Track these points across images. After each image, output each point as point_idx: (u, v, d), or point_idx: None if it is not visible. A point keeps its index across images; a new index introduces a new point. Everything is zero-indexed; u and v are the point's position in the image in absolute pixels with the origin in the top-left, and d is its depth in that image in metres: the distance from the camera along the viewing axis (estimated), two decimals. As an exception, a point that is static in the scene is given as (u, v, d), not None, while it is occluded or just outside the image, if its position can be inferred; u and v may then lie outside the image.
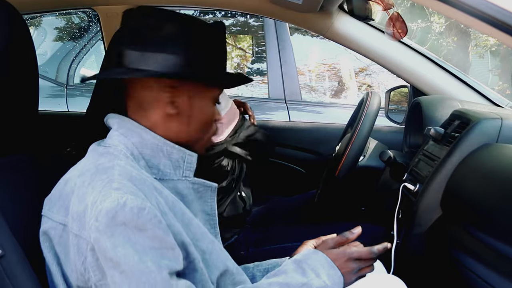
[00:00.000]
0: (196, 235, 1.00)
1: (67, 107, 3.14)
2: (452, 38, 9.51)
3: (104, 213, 0.84)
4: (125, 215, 0.85)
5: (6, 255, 0.95)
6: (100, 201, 0.86)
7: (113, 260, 0.84)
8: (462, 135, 1.44)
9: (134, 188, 0.89)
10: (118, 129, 1.03)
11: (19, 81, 1.08)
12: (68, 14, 3.68)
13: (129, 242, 0.85)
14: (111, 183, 0.88)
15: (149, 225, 0.86)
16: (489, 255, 1.19)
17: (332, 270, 1.06)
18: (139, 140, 1.01)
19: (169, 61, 0.99)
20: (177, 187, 1.05)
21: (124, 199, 0.85)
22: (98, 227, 0.85)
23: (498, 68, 9.87)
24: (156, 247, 0.87)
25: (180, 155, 1.05)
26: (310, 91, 3.93)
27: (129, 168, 0.94)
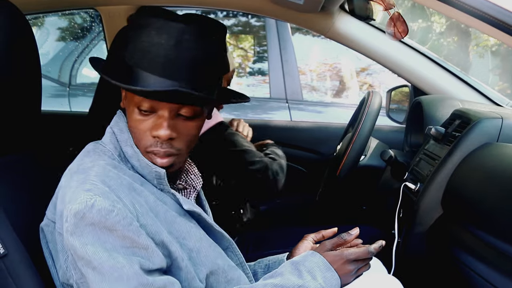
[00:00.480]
0: (182, 233, 0.99)
1: (69, 107, 3.15)
2: (453, 38, 9.49)
3: (73, 214, 0.86)
4: (93, 216, 0.86)
5: (9, 254, 0.95)
6: (72, 202, 0.87)
7: (84, 258, 0.86)
8: (462, 135, 1.45)
9: (105, 189, 0.89)
10: (113, 126, 1.03)
11: (22, 81, 1.09)
12: (71, 14, 3.68)
13: (99, 241, 0.86)
14: (84, 184, 0.89)
15: (118, 226, 0.87)
16: (490, 254, 1.20)
17: (329, 273, 1.05)
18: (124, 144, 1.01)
19: None
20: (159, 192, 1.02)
21: (92, 201, 0.86)
22: (68, 227, 0.87)
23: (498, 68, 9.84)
24: (127, 246, 0.87)
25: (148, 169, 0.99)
26: (311, 90, 3.93)
27: (108, 167, 0.94)
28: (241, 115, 2.81)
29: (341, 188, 1.80)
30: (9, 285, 0.95)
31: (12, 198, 1.05)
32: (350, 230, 1.15)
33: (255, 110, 2.99)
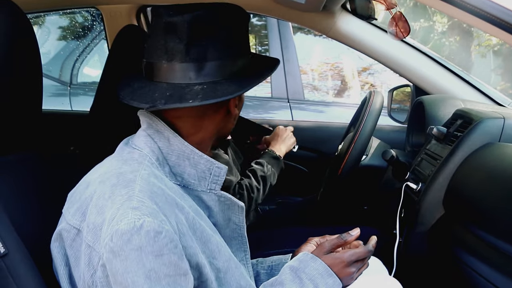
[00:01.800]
0: (213, 253, 0.95)
1: (70, 106, 3.15)
2: (455, 38, 9.48)
3: (119, 235, 0.80)
4: (140, 238, 0.80)
5: (9, 254, 0.95)
6: (117, 220, 0.81)
7: (122, 284, 0.81)
8: (464, 134, 1.44)
9: (153, 207, 0.84)
10: (147, 129, 0.97)
11: (23, 80, 1.09)
12: (72, 13, 3.69)
13: (143, 268, 0.81)
14: (130, 201, 0.83)
15: (165, 250, 0.82)
16: (492, 254, 1.19)
17: (331, 279, 1.04)
18: (166, 145, 0.96)
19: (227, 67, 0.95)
20: (201, 197, 1.00)
21: (141, 222, 0.81)
22: (113, 248, 0.81)
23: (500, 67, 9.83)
24: (170, 274, 0.83)
25: (207, 166, 0.99)
26: (313, 90, 3.93)
27: (152, 180, 0.89)
28: (242, 114, 2.80)
29: (342, 188, 1.80)
30: (9, 284, 0.94)
31: (13, 198, 1.04)
32: (350, 231, 1.13)
33: (256, 110, 2.99)
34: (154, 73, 0.95)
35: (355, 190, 2.08)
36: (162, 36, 0.93)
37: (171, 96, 0.90)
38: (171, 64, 0.92)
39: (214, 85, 0.92)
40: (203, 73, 0.92)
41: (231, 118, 1.03)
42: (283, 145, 1.78)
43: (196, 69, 0.92)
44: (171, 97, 0.90)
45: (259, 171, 1.63)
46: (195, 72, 0.92)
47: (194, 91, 0.91)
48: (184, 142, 0.96)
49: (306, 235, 1.74)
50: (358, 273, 1.10)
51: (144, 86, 0.95)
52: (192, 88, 0.91)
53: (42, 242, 1.00)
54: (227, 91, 0.91)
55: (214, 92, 0.91)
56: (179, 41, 0.91)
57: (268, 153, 1.73)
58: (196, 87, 0.92)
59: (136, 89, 0.96)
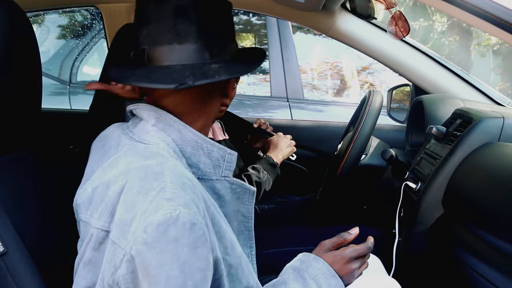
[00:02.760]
0: (227, 249, 0.94)
1: (70, 105, 3.15)
2: (454, 37, 9.48)
3: (155, 226, 0.77)
4: (177, 230, 0.78)
5: (8, 253, 0.95)
6: (151, 212, 0.78)
7: (155, 277, 0.78)
8: (464, 134, 1.44)
9: (187, 198, 0.82)
10: (156, 124, 0.95)
11: (22, 79, 1.08)
12: (71, 12, 3.68)
13: (178, 261, 0.78)
14: (164, 192, 0.81)
15: (199, 242, 0.80)
16: (491, 254, 1.19)
17: (333, 280, 1.04)
18: (179, 137, 0.95)
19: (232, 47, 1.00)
20: (214, 187, 0.99)
21: (177, 212, 0.78)
22: (147, 239, 0.78)
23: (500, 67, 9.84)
24: (203, 268, 0.81)
25: (220, 153, 0.99)
26: (312, 89, 3.93)
27: (180, 170, 0.87)
28: (242, 113, 2.80)
29: (341, 187, 1.80)
30: (8, 283, 0.94)
31: (12, 196, 1.04)
32: (350, 230, 1.13)
33: (255, 109, 2.98)
34: (164, 57, 0.94)
35: (354, 190, 2.08)
36: (171, 19, 0.93)
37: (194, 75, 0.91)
38: (184, 46, 0.93)
39: (227, 63, 0.95)
40: (215, 53, 0.95)
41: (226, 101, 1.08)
42: (281, 153, 1.78)
43: (209, 49, 0.94)
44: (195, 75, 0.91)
45: (254, 176, 1.63)
46: (208, 52, 0.94)
47: (214, 69, 0.92)
48: (196, 132, 0.96)
49: (306, 235, 1.74)
50: (358, 271, 1.10)
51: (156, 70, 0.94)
52: (210, 66, 0.93)
53: (41, 241, 1.01)
54: (241, 69, 0.95)
55: (230, 69, 0.93)
56: (189, 23, 0.93)
57: (265, 159, 1.72)
58: (213, 65, 0.93)
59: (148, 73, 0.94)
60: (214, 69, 0.91)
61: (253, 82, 3.68)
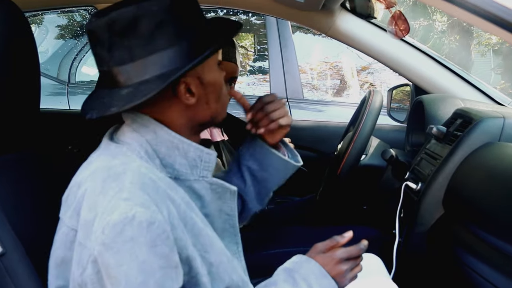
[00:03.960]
0: (205, 246, 0.93)
1: (68, 105, 3.15)
2: (455, 37, 9.49)
3: (111, 226, 0.79)
4: (133, 230, 0.79)
5: (7, 253, 0.95)
6: (108, 212, 0.80)
7: (116, 277, 0.79)
8: (464, 134, 1.44)
9: (145, 198, 0.82)
10: (131, 124, 0.96)
11: (21, 79, 1.08)
12: (70, 12, 3.68)
13: (136, 260, 0.79)
14: (121, 192, 0.82)
15: (158, 241, 0.80)
16: (492, 254, 1.19)
17: (325, 280, 1.04)
18: (153, 137, 0.95)
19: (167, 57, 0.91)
20: (193, 187, 0.99)
21: (133, 212, 0.79)
22: (104, 240, 0.79)
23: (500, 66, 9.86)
24: (163, 266, 0.81)
25: (197, 153, 0.98)
26: (312, 89, 3.93)
27: (143, 171, 0.87)
28: (241, 113, 2.80)
29: (341, 188, 1.79)
30: (7, 284, 0.94)
31: (10, 197, 1.04)
32: (344, 233, 1.13)
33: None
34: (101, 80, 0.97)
35: (354, 190, 2.08)
36: (92, 47, 0.95)
37: (103, 105, 0.92)
38: (104, 71, 0.94)
39: (138, 86, 0.91)
40: (131, 75, 0.91)
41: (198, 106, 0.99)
42: None
43: (122, 73, 0.91)
44: (103, 106, 0.92)
45: None
46: (123, 75, 0.91)
47: (119, 97, 0.91)
48: (171, 133, 0.96)
49: (306, 235, 1.74)
50: (351, 273, 1.09)
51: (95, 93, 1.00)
52: (120, 93, 0.91)
53: (40, 241, 1.00)
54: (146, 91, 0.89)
55: (134, 95, 0.89)
56: (102, 48, 0.91)
57: None
58: (122, 91, 0.91)
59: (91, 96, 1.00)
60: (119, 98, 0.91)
61: (253, 82, 3.69)
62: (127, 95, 0.90)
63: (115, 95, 0.91)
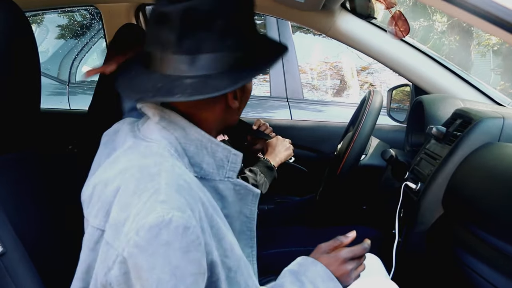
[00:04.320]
0: (226, 251, 0.92)
1: (69, 105, 3.15)
2: (454, 37, 9.49)
3: (147, 229, 0.77)
4: (169, 233, 0.77)
5: (7, 253, 0.95)
6: (144, 214, 0.78)
7: (147, 280, 0.78)
8: (464, 134, 1.44)
9: (181, 201, 0.81)
10: (160, 121, 0.94)
11: (21, 79, 1.08)
12: (70, 11, 3.69)
13: (169, 265, 0.78)
14: (158, 194, 0.80)
15: (192, 246, 0.79)
16: (491, 254, 1.19)
17: (332, 283, 1.04)
18: (183, 135, 0.93)
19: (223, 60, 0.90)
20: (217, 187, 0.98)
21: (170, 216, 0.77)
22: (139, 242, 0.77)
23: (500, 67, 9.85)
24: (194, 273, 0.80)
25: (224, 154, 0.97)
26: (312, 89, 3.93)
27: (177, 171, 0.86)
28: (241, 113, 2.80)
29: (341, 188, 1.79)
30: (7, 284, 0.94)
31: (11, 197, 1.04)
32: (347, 233, 1.13)
33: (255, 109, 2.98)
34: (151, 62, 0.92)
35: (354, 190, 2.08)
36: (155, 26, 0.91)
37: (160, 89, 0.88)
38: (164, 55, 0.90)
39: (205, 79, 0.89)
40: (196, 66, 0.89)
41: (233, 111, 1.00)
42: (279, 156, 1.78)
43: (188, 62, 0.89)
44: (160, 90, 0.88)
45: (251, 179, 1.63)
46: (187, 64, 0.89)
47: (184, 85, 0.88)
48: (201, 131, 0.94)
49: (306, 235, 1.74)
50: (355, 272, 1.10)
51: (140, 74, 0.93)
52: (183, 81, 0.88)
53: (40, 241, 1.00)
54: (218, 87, 0.87)
55: (204, 87, 0.87)
56: (171, 32, 0.88)
57: (263, 162, 1.72)
58: (187, 80, 0.88)
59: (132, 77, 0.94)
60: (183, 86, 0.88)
61: (253, 81, 3.69)
62: (193, 85, 0.88)
63: (177, 83, 0.89)
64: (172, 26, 0.88)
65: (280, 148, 1.80)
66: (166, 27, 0.88)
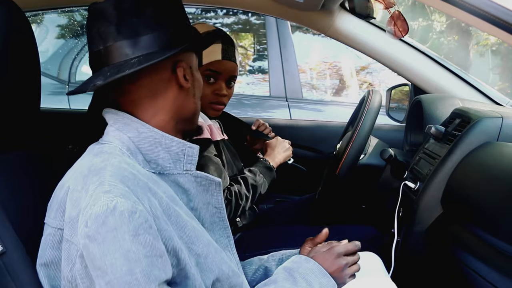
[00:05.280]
0: (191, 238, 0.95)
1: (68, 105, 3.14)
2: (453, 37, 9.49)
3: (93, 218, 0.81)
4: (115, 220, 0.81)
5: (7, 252, 0.95)
6: (90, 205, 0.82)
7: (101, 268, 0.81)
8: (462, 134, 1.45)
9: (125, 189, 0.85)
10: (114, 124, 0.99)
11: (21, 78, 1.08)
12: (70, 11, 3.68)
13: (120, 249, 0.80)
14: (102, 185, 0.84)
15: (140, 230, 0.82)
16: (490, 253, 1.19)
17: (325, 279, 1.06)
18: (135, 134, 0.98)
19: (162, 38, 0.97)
20: (178, 181, 1.01)
21: (114, 203, 0.81)
22: (88, 232, 0.81)
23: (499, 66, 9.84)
24: (148, 255, 0.82)
25: (179, 148, 1.01)
26: (311, 89, 3.93)
27: (123, 166, 0.90)
28: (241, 113, 2.80)
29: (340, 187, 1.80)
30: (7, 283, 0.94)
31: (11, 196, 1.04)
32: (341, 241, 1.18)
33: (254, 109, 2.98)
34: (97, 61, 0.98)
35: (353, 189, 2.08)
36: (94, 24, 0.97)
37: (110, 74, 0.93)
38: (107, 46, 0.96)
39: (150, 55, 0.95)
40: (139, 47, 0.95)
41: (187, 95, 1.04)
42: (278, 156, 1.79)
43: (130, 45, 0.96)
44: (110, 75, 0.93)
45: (250, 179, 1.64)
46: (130, 47, 0.95)
47: (131, 63, 0.94)
48: (153, 129, 0.99)
49: (305, 234, 1.74)
50: (349, 270, 1.11)
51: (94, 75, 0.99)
52: (129, 62, 0.95)
53: (40, 240, 1.00)
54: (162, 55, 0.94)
55: (149, 58, 0.94)
56: (109, 24, 0.95)
57: (262, 162, 1.73)
58: (133, 60, 0.95)
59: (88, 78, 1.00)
60: (130, 64, 0.94)
61: (252, 81, 3.68)
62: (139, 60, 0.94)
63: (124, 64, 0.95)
64: (108, 18, 0.95)
65: (280, 149, 1.80)
66: (103, 21, 0.96)
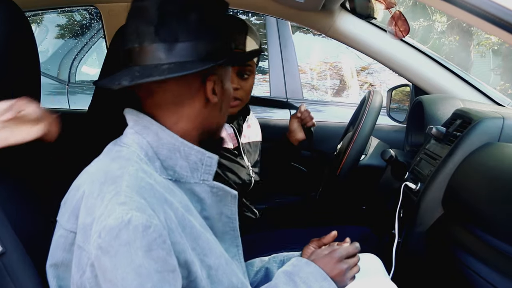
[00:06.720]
0: (204, 250, 0.94)
1: (68, 105, 3.15)
2: (454, 37, 9.50)
3: (107, 230, 0.80)
4: (129, 233, 0.79)
5: (7, 253, 0.94)
6: (105, 216, 0.81)
7: (112, 281, 0.80)
8: (463, 134, 1.44)
9: (141, 202, 0.83)
10: (134, 126, 0.97)
11: (21, 78, 1.08)
12: (70, 11, 3.68)
13: (132, 264, 0.79)
14: (118, 196, 0.83)
15: (153, 245, 0.81)
16: (490, 255, 1.19)
17: (326, 282, 1.05)
18: (155, 139, 0.96)
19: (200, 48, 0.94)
20: (194, 190, 0.99)
21: (129, 216, 0.80)
22: (101, 244, 0.80)
23: (500, 67, 9.85)
24: (159, 270, 0.81)
25: (198, 157, 0.98)
26: (312, 89, 3.93)
27: (140, 175, 0.88)
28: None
29: (341, 188, 1.80)
30: (7, 284, 0.94)
31: (11, 196, 1.04)
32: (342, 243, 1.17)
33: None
34: (129, 58, 0.95)
35: (353, 190, 2.08)
36: (134, 21, 0.94)
37: (139, 76, 0.91)
38: (142, 46, 0.93)
39: (183, 64, 0.92)
40: (174, 54, 0.92)
41: (213, 109, 1.01)
42: None
43: (166, 50, 0.92)
44: (138, 76, 0.91)
45: None
46: (165, 52, 0.92)
47: (161, 69, 0.91)
48: (173, 135, 0.96)
49: (305, 236, 1.73)
50: (350, 272, 1.11)
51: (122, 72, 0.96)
52: (161, 67, 0.92)
53: (40, 241, 1.00)
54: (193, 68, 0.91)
55: (180, 68, 0.91)
56: (149, 24, 0.92)
57: None
58: (164, 66, 0.92)
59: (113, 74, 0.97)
60: (160, 70, 0.91)
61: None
62: (170, 68, 0.91)
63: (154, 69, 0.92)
64: (149, 18, 0.92)
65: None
66: (144, 20, 0.92)
